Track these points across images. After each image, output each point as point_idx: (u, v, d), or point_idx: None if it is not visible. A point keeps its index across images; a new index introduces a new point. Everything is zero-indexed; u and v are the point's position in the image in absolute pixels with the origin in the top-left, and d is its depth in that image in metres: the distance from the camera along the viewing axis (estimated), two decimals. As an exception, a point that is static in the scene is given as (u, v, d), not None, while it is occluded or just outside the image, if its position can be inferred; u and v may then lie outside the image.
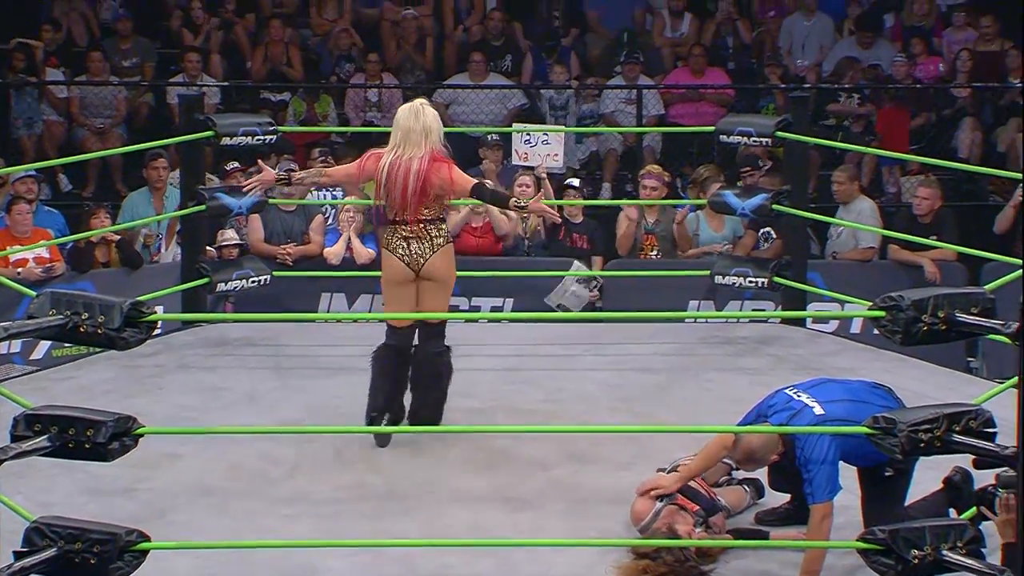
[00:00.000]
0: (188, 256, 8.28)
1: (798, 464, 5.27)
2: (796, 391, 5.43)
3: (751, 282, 8.29)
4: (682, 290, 9.05)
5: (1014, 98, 11.52)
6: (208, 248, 8.66)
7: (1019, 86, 11.53)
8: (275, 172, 6.92)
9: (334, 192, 9.76)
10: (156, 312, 5.06)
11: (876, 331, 5.10)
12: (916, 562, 4.85)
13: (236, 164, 9.87)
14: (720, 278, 8.39)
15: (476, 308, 9.28)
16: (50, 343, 8.54)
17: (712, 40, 12.39)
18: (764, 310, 9.07)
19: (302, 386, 7.28)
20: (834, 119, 11.54)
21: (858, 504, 5.44)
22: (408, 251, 6.40)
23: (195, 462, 6.30)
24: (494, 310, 9.26)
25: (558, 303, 9.15)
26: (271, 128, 8.22)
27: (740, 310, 9.22)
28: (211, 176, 9.23)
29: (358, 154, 6.98)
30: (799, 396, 5.39)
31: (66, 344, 7.62)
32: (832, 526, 5.25)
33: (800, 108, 8.29)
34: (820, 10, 12.52)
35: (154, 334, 5.28)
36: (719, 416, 6.61)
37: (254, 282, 8.33)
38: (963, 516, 5.32)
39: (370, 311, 9.33)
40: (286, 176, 6.83)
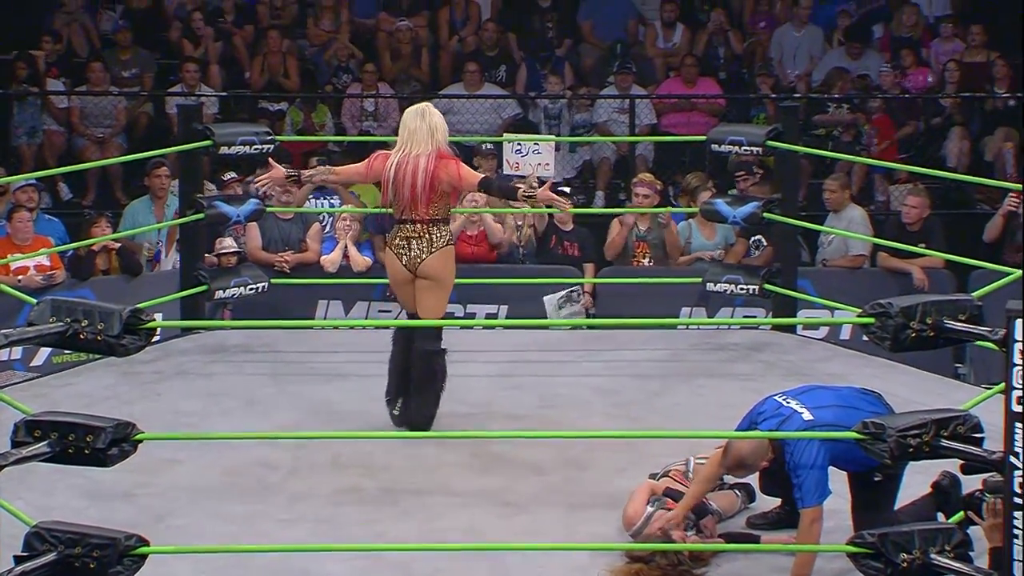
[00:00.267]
0: (187, 264, 8.28)
1: (788, 469, 5.27)
2: (785, 397, 5.43)
3: (742, 289, 8.29)
4: (674, 297, 9.06)
5: (997, 106, 11.54)
6: (207, 256, 8.66)
7: (1006, 95, 11.55)
8: (284, 170, 6.95)
9: (331, 200, 9.77)
10: (155, 319, 5.06)
11: (865, 337, 5.09)
12: (905, 566, 4.85)
13: (233, 175, 9.88)
14: (712, 285, 8.40)
15: (471, 315, 9.27)
16: (50, 350, 8.51)
17: (704, 51, 12.41)
18: (755, 317, 9.08)
19: (299, 392, 7.28)
20: (823, 129, 11.56)
21: (847, 508, 5.44)
22: (408, 251, 6.49)
23: (194, 467, 6.30)
24: (489, 317, 9.26)
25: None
26: (269, 137, 8.21)
27: (732, 317, 9.22)
28: (210, 185, 9.23)
29: (355, 163, 7.00)
30: (788, 402, 5.38)
31: (66, 351, 7.60)
32: (822, 530, 5.25)
33: (790, 118, 8.30)
34: (810, 21, 12.55)
35: (153, 341, 5.27)
36: (711, 421, 6.62)
37: (252, 289, 8.33)
38: (951, 520, 5.32)
39: (366, 318, 9.33)
40: (296, 174, 6.90)
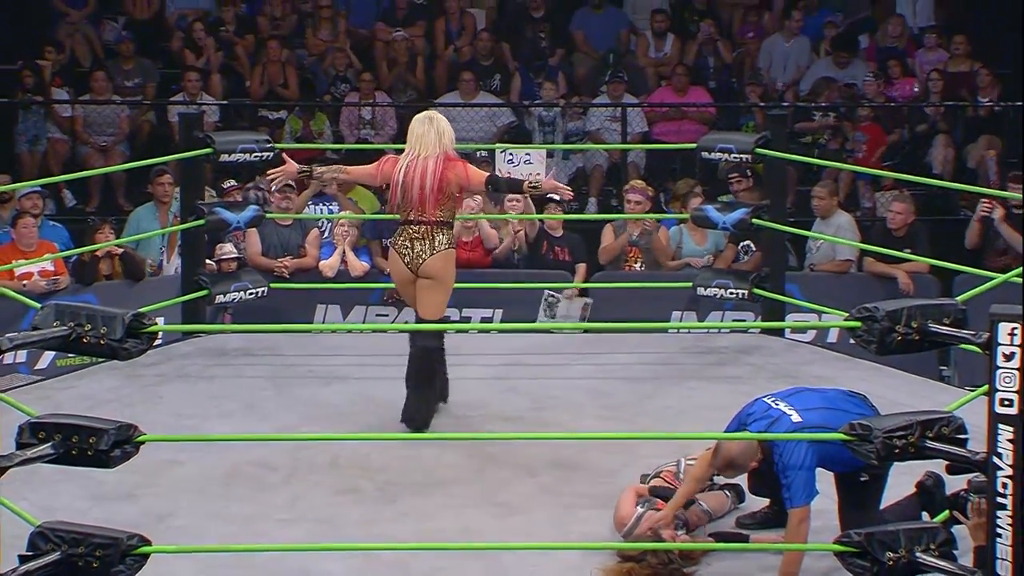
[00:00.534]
0: (188, 269, 8.27)
1: (777, 470, 5.27)
2: (774, 399, 5.43)
3: (732, 293, 8.29)
4: (666, 301, 9.05)
5: (980, 114, 11.55)
6: (207, 261, 8.65)
7: (988, 104, 11.57)
8: (297, 165, 6.99)
9: (330, 207, 9.77)
10: (157, 323, 5.05)
11: (852, 341, 5.10)
12: (891, 564, 4.85)
13: (233, 182, 9.89)
14: (702, 289, 8.39)
15: (467, 319, 9.28)
16: (54, 353, 8.51)
17: (694, 60, 12.42)
18: (744, 320, 9.08)
19: (298, 394, 7.27)
20: (810, 137, 11.57)
21: (835, 508, 5.44)
22: (411, 251, 6.57)
23: (194, 468, 6.29)
24: (484, 320, 9.26)
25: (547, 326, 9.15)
26: (268, 145, 8.20)
27: (721, 320, 9.23)
28: (210, 192, 9.23)
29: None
30: (777, 404, 5.39)
31: (70, 354, 7.59)
32: (809, 529, 5.25)
33: (778, 126, 8.30)
34: (798, 32, 12.56)
35: (155, 344, 5.27)
36: (701, 423, 6.63)
37: (252, 294, 8.32)
38: (936, 519, 5.32)
39: (364, 322, 9.33)
40: (308, 169, 6.95)
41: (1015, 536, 4.67)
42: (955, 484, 5.22)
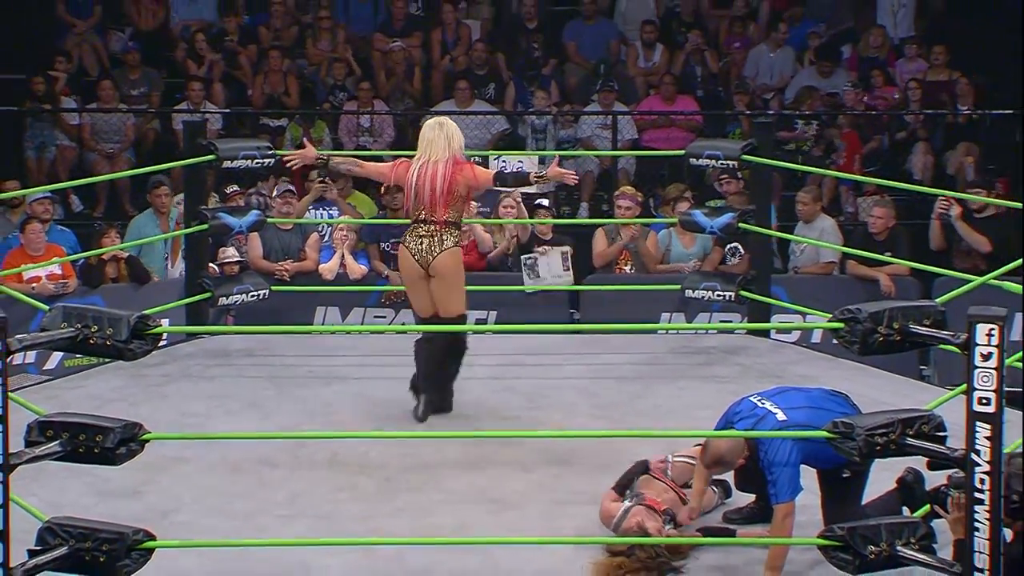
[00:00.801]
0: (191, 272, 8.27)
1: (763, 467, 5.27)
2: (760, 398, 5.43)
3: (719, 295, 8.30)
4: (655, 303, 9.05)
5: (959, 121, 11.56)
6: (210, 265, 8.65)
7: (967, 112, 11.58)
8: (315, 151, 7.16)
9: (329, 211, 9.76)
10: (161, 325, 5.06)
11: (835, 341, 5.11)
12: (872, 557, 4.86)
13: (236, 187, 9.88)
14: (690, 292, 8.40)
15: (462, 320, 9.26)
16: (62, 354, 8.51)
17: (682, 69, 12.42)
18: (731, 322, 9.09)
19: (298, 394, 7.27)
20: (794, 144, 11.58)
21: (818, 504, 5.45)
22: (420, 248, 6.66)
23: (198, 466, 6.29)
24: (479, 322, 9.25)
25: (538, 288, 9.16)
26: (269, 152, 8.21)
27: (709, 322, 9.23)
28: (213, 197, 9.23)
29: (352, 178, 7.11)
30: (763, 403, 5.39)
31: (77, 355, 7.58)
32: (794, 524, 5.26)
33: (764, 133, 8.31)
34: (783, 42, 12.57)
35: (160, 345, 5.26)
36: (690, 421, 6.63)
37: (253, 296, 8.32)
38: (916, 514, 5.33)
39: (362, 323, 9.33)
40: (325, 157, 7.10)
41: (992, 530, 4.69)
42: (935, 480, 5.22)
